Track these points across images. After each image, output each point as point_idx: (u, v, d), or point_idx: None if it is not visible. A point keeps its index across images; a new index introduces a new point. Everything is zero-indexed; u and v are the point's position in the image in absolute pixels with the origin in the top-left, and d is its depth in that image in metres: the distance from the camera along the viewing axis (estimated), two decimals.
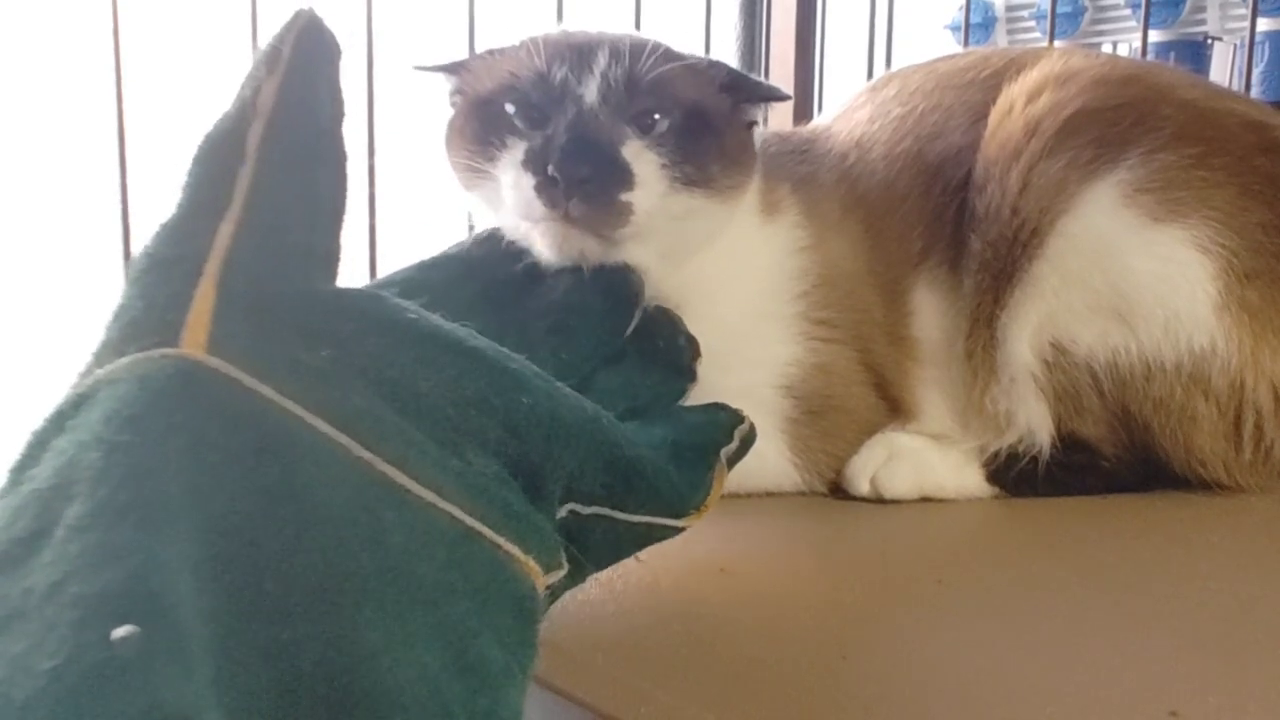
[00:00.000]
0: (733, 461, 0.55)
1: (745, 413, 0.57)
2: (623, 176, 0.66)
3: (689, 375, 0.62)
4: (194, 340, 0.34)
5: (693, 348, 0.63)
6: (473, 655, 0.33)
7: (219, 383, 0.33)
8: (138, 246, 0.91)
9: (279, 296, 0.37)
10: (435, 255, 0.65)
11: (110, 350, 0.34)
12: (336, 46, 0.41)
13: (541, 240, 0.66)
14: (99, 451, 0.30)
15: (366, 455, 0.35)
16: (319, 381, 0.36)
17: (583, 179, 0.65)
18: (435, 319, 0.42)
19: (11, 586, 0.27)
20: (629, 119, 0.69)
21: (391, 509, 0.34)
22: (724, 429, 0.55)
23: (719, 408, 0.58)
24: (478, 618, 0.35)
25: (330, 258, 0.40)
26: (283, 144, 0.38)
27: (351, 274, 0.41)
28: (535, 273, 0.65)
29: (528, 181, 0.66)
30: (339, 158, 0.40)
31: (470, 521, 0.37)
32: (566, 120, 0.67)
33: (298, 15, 0.40)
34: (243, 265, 0.36)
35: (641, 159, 0.68)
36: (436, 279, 0.61)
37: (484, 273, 0.63)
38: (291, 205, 0.38)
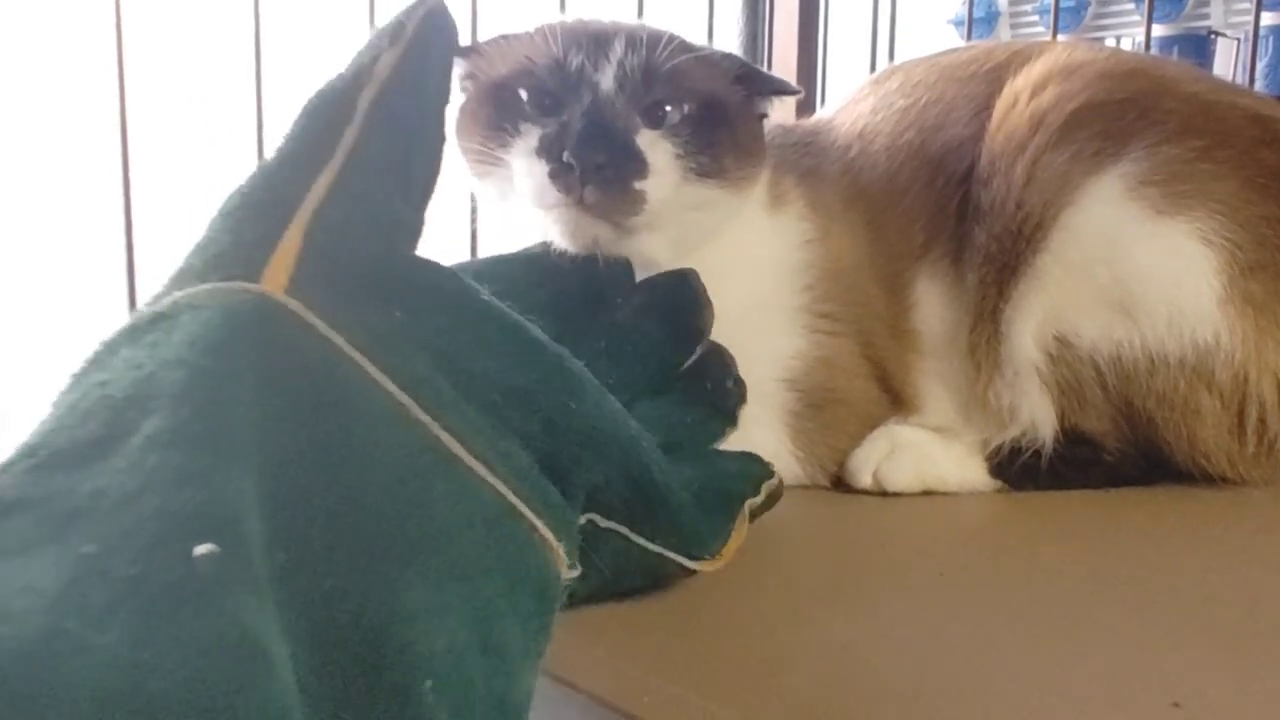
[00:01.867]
0: (756, 515, 0.55)
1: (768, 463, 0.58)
2: (638, 165, 0.67)
3: (730, 419, 0.62)
4: (275, 280, 0.34)
5: (740, 391, 0.63)
6: (497, 635, 0.34)
7: (295, 325, 0.34)
8: (142, 245, 0.92)
9: (362, 253, 0.38)
10: (512, 252, 0.66)
11: (191, 276, 0.35)
12: (456, 34, 0.42)
13: (554, 227, 0.66)
14: (183, 372, 0.30)
15: (426, 419, 0.35)
16: (387, 342, 0.36)
17: (598, 165, 0.65)
18: (504, 308, 0.43)
19: (78, 484, 0.27)
20: (644, 108, 0.70)
21: (440, 477, 0.35)
22: (752, 481, 0.56)
23: (751, 459, 0.58)
24: (505, 598, 0.35)
25: (415, 231, 0.41)
26: (390, 113, 0.39)
27: None
28: (604, 289, 0.65)
29: (541, 169, 0.66)
30: (438, 138, 0.42)
31: (513, 499, 0.37)
32: (582, 107, 0.67)
33: None
34: (332, 218, 0.37)
35: (656, 148, 0.68)
36: (508, 277, 0.61)
37: (554, 281, 0.64)
38: (388, 172, 0.39)
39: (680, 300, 0.63)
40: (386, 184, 0.39)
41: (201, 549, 0.26)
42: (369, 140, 0.38)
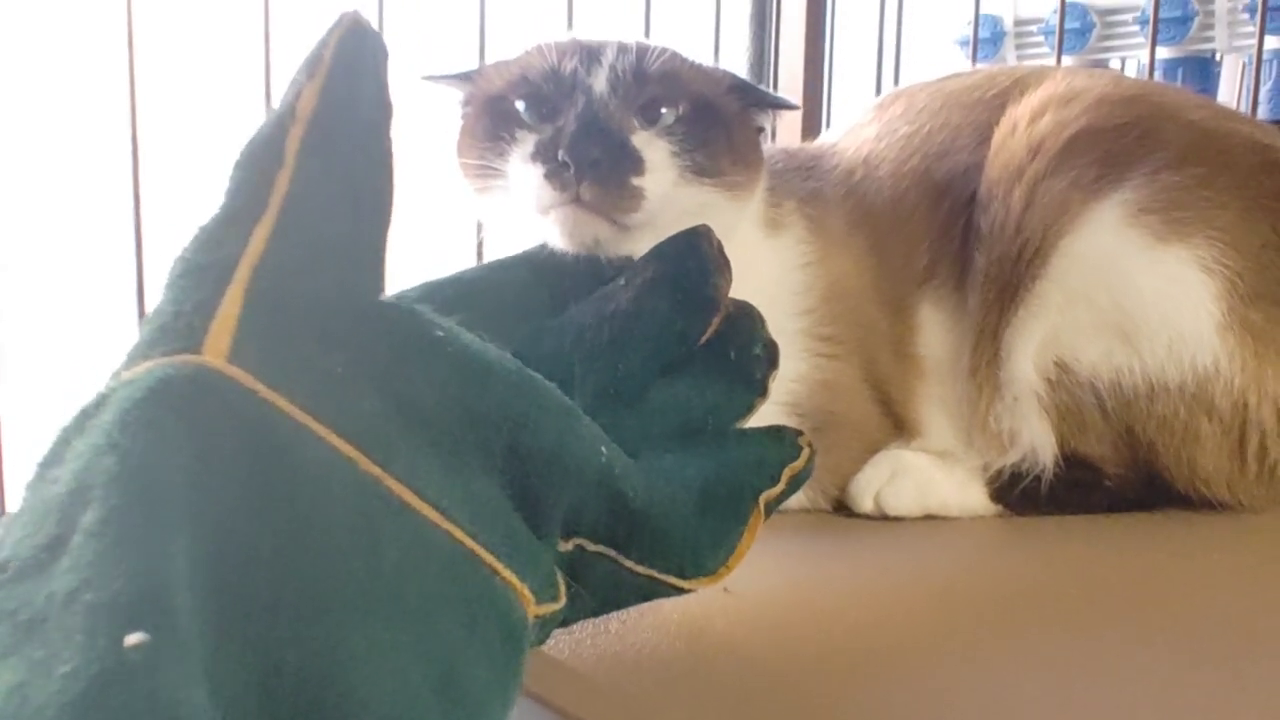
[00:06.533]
0: (772, 507, 0.51)
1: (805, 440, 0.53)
2: (634, 162, 0.67)
3: (759, 389, 0.55)
4: (216, 348, 0.34)
5: (770, 356, 0.56)
6: (457, 674, 0.34)
7: (235, 392, 0.34)
8: (147, 251, 0.92)
9: (304, 306, 0.37)
10: (509, 256, 0.64)
11: (139, 354, 0.35)
12: (383, 48, 0.41)
13: (553, 228, 0.67)
14: (113, 457, 0.30)
15: (375, 470, 0.35)
16: (331, 396, 0.36)
17: (594, 161, 0.65)
18: (464, 340, 0.42)
19: (36, 592, 0.28)
20: (638, 109, 0.71)
21: (391, 525, 0.35)
22: (771, 468, 0.51)
23: (775, 439, 0.53)
24: (467, 641, 0.35)
25: (373, 261, 0.40)
26: (323, 148, 0.38)
27: None
28: (604, 277, 0.60)
29: (537, 171, 0.67)
30: (384, 160, 0.40)
31: (470, 543, 0.37)
32: (576, 110, 0.68)
33: (341, 18, 0.40)
34: (273, 272, 0.36)
35: (652, 146, 0.69)
36: (507, 281, 0.60)
37: (554, 279, 0.61)
38: (331, 209, 0.38)
39: (687, 267, 0.56)
40: (331, 222, 0.38)
41: (132, 638, 0.26)
42: (304, 182, 0.37)
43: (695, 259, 0.56)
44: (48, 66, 1.09)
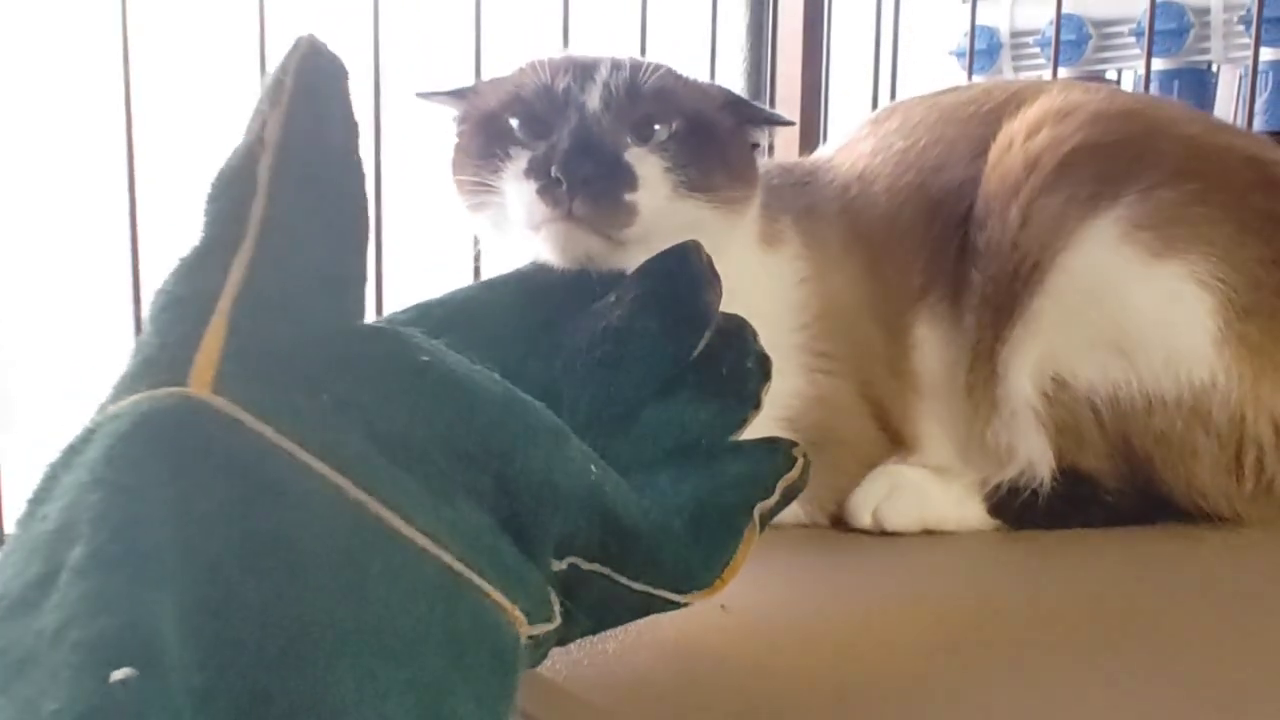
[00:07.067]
0: (767, 519, 0.51)
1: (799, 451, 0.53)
2: (626, 177, 0.67)
3: (752, 402, 0.55)
4: (201, 379, 0.34)
5: (762, 368, 0.56)
6: (445, 704, 0.34)
7: (221, 423, 0.34)
8: (147, 252, 0.92)
9: (288, 334, 0.37)
10: (500, 275, 0.65)
11: (125, 387, 0.35)
12: (341, 69, 0.41)
13: (545, 244, 0.67)
14: (99, 493, 0.31)
15: (362, 497, 0.35)
16: (318, 425, 0.36)
17: (586, 178, 0.65)
18: (450, 364, 0.42)
19: (26, 630, 0.28)
20: (631, 125, 0.71)
21: (379, 556, 0.35)
22: (765, 482, 0.51)
23: (767, 451, 0.53)
24: (454, 672, 0.35)
25: (352, 281, 0.40)
26: (294, 173, 0.39)
27: None
28: (595, 294, 0.60)
29: (530, 187, 0.67)
30: (355, 180, 0.41)
31: (459, 567, 0.37)
32: (570, 127, 0.68)
33: (298, 43, 0.40)
34: (254, 301, 0.37)
35: (645, 162, 0.69)
36: (497, 301, 0.60)
37: (544, 298, 0.61)
38: (308, 233, 0.39)
39: (677, 283, 0.56)
40: (309, 247, 0.39)
41: (118, 674, 0.26)
42: (279, 209, 0.38)
43: (685, 275, 0.57)
44: (44, 70, 1.09)
